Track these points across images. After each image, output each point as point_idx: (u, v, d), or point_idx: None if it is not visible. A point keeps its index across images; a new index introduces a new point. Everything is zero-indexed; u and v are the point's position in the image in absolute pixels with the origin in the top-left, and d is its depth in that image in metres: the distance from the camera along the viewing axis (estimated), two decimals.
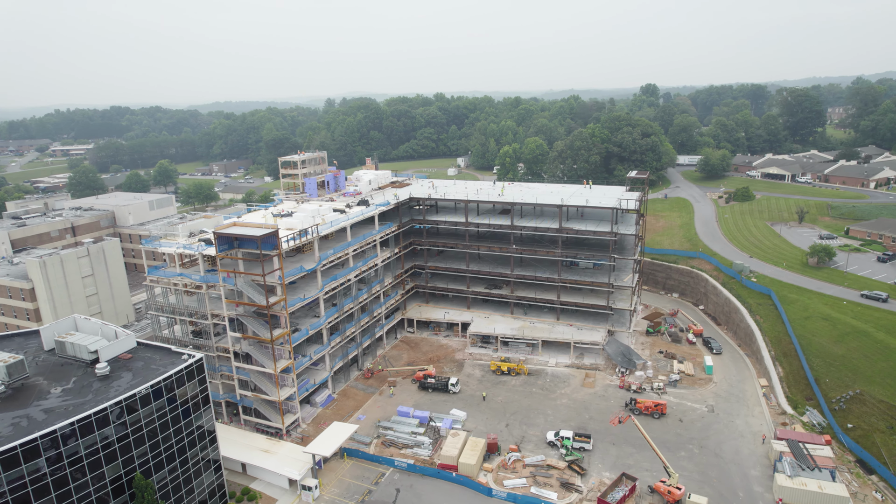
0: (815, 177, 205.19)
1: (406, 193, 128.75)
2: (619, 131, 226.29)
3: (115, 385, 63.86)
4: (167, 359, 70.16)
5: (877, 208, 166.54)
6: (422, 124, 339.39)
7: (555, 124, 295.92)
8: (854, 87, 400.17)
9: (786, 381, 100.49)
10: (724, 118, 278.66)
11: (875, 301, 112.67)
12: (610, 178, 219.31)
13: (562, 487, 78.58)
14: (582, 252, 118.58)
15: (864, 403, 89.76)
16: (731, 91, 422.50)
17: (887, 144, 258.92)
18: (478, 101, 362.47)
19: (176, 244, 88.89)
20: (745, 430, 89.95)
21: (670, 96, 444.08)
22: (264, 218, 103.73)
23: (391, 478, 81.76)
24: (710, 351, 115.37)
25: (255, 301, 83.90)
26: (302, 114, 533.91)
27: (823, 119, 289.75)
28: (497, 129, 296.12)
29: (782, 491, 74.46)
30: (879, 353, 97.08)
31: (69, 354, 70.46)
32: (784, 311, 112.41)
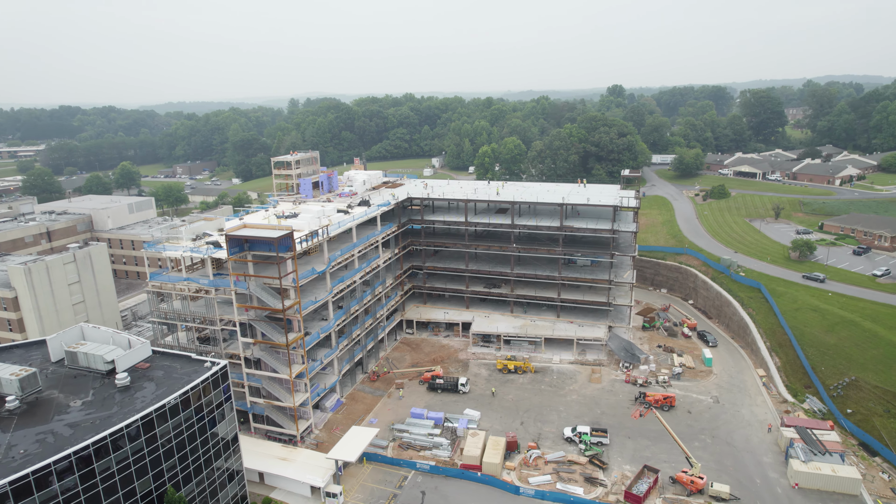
0: (783, 174, 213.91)
1: (403, 193, 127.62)
2: (596, 131, 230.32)
3: (140, 396, 60.97)
4: (188, 367, 67.46)
5: (844, 204, 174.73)
6: (394, 124, 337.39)
7: (528, 124, 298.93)
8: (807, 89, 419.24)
9: (783, 371, 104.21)
10: (692, 118, 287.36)
11: (814, 282, 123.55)
12: (588, 177, 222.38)
13: (586, 482, 79.30)
14: (581, 250, 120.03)
15: (861, 389, 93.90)
16: (693, 92, 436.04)
17: (843, 144, 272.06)
18: (449, 102, 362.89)
19: (182, 248, 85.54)
20: (751, 420, 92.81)
21: (634, 97, 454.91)
22: (266, 219, 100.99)
23: (414, 480, 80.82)
24: (706, 344, 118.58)
25: (269, 304, 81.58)
26: (266, 114, 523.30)
27: (784, 119, 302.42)
28: (471, 130, 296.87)
29: (798, 476, 77.13)
30: (869, 341, 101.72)
31: (82, 365, 66.92)
32: (775, 304, 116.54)
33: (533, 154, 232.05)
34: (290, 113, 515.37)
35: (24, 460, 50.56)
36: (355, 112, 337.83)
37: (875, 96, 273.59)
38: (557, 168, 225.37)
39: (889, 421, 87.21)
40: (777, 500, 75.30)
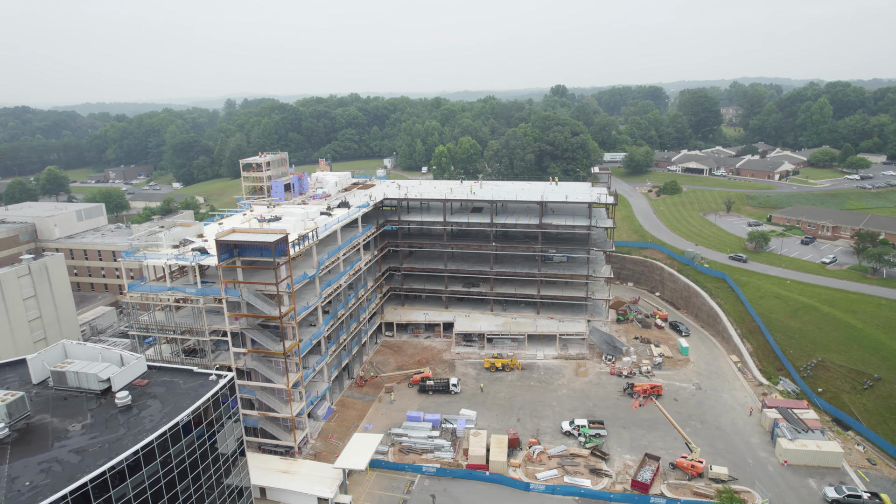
0: (727, 170, 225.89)
1: (378, 194, 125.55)
2: (550, 130, 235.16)
3: (147, 415, 56.85)
4: (191, 381, 63.55)
5: (786, 197, 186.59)
6: (342, 125, 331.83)
7: (479, 124, 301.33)
8: (734, 90, 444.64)
9: (756, 356, 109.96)
10: (637, 117, 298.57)
11: (738, 262, 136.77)
12: (544, 175, 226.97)
13: (592, 474, 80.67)
14: (558, 246, 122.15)
15: (828, 369, 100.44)
16: (630, 92, 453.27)
17: (773, 141, 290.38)
18: (397, 102, 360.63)
19: (166, 255, 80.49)
20: (734, 404, 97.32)
21: (574, 97, 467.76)
22: (247, 223, 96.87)
23: (421, 484, 79.68)
24: (679, 334, 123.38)
25: (264, 312, 78.24)
26: (202, 115, 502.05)
27: (720, 118, 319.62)
28: (423, 130, 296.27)
29: (786, 453, 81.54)
30: (829, 324, 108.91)
31: (72, 386, 61.66)
32: (742, 293, 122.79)
33: (490, 153, 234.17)
34: (228, 114, 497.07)
35: (32, 493, 46.07)
36: (302, 113, 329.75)
37: (798, 97, 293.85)
38: (515, 167, 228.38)
39: (856, 397, 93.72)
40: (770, 477, 79.28)
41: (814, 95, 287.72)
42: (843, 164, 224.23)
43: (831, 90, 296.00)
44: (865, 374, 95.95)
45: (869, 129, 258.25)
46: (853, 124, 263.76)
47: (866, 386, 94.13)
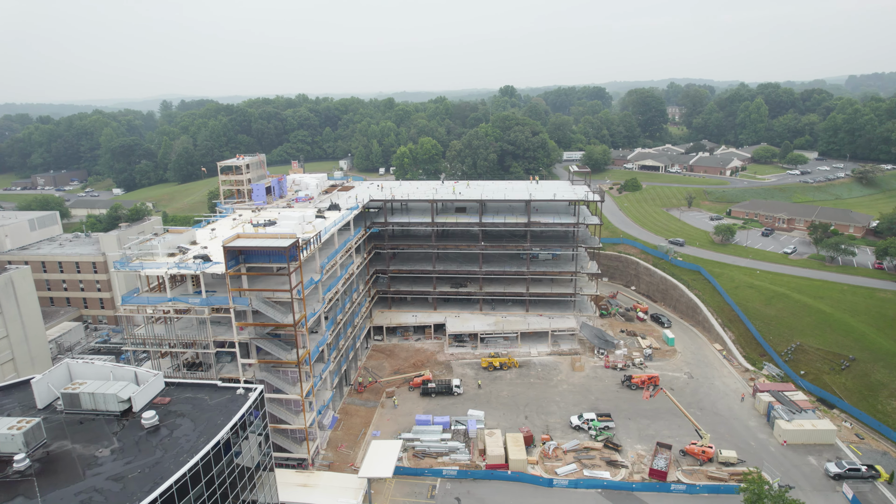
0: (681, 167, 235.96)
1: (362, 196, 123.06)
2: (510, 130, 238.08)
3: (181, 435, 53.28)
4: (217, 396, 60.12)
5: (740, 192, 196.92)
6: (294, 126, 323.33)
7: (434, 125, 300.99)
8: (671, 89, 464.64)
9: (738, 343, 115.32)
10: (589, 117, 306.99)
11: (676, 245, 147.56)
12: (506, 175, 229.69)
13: (609, 465, 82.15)
14: (546, 244, 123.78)
15: (807, 353, 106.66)
16: (575, 92, 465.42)
17: (715, 139, 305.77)
18: (348, 103, 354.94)
19: (166, 264, 75.56)
20: (726, 390, 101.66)
21: (521, 97, 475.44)
22: (240, 228, 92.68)
23: (443, 488, 78.68)
24: (661, 325, 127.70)
25: (275, 320, 75.03)
26: (137, 117, 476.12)
27: (666, 117, 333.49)
28: (378, 131, 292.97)
29: (785, 434, 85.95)
30: (802, 310, 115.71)
31: (87, 408, 56.94)
32: (718, 284, 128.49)
33: (453, 153, 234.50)
34: (166, 116, 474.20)
35: None
36: (251, 114, 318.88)
37: (737, 97, 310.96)
38: (478, 167, 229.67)
39: (836, 377, 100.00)
40: (774, 457, 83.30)
41: (750, 96, 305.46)
42: (783, 161, 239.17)
43: (764, 91, 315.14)
44: (841, 356, 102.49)
45: (801, 128, 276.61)
46: (787, 123, 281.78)
47: (843, 366, 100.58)
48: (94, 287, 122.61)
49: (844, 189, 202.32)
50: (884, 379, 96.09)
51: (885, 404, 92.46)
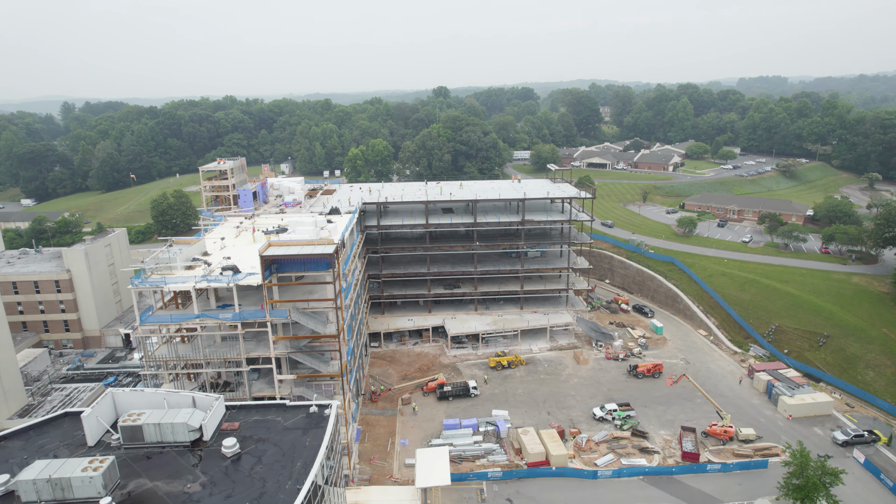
0: (626, 164, 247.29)
1: (349, 199, 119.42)
2: (462, 130, 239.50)
3: (273, 462, 49.49)
4: (288, 416, 56.37)
5: (686, 186, 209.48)
6: (228, 129, 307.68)
7: (377, 126, 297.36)
8: (593, 90, 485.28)
9: (722, 328, 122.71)
10: (530, 116, 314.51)
11: (607, 227, 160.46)
12: (460, 175, 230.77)
13: (642, 453, 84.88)
14: (540, 242, 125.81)
15: (786, 333, 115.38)
16: (504, 93, 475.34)
17: (646, 136, 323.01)
18: (282, 104, 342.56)
19: (193, 278, 69.53)
20: (723, 372, 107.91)
21: (454, 97, 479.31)
22: (252, 236, 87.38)
23: (491, 490, 78.11)
24: (645, 316, 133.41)
25: (316, 331, 71.42)
26: (37, 120, 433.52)
27: (600, 117, 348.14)
28: (320, 133, 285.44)
29: (790, 408, 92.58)
30: (773, 294, 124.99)
31: (151, 441, 51.53)
32: (694, 273, 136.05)
33: (407, 155, 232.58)
34: (71, 119, 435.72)
35: None
36: (180, 117, 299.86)
37: (664, 97, 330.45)
38: (433, 168, 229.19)
39: (817, 353, 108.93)
40: (784, 430, 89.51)
41: (676, 96, 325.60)
42: (714, 156, 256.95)
43: (687, 91, 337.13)
44: (817, 334, 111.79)
45: (723, 126, 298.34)
46: (710, 121, 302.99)
47: (821, 343, 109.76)
48: (56, 308, 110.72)
49: (773, 182, 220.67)
50: (857, 352, 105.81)
51: (863, 374, 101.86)
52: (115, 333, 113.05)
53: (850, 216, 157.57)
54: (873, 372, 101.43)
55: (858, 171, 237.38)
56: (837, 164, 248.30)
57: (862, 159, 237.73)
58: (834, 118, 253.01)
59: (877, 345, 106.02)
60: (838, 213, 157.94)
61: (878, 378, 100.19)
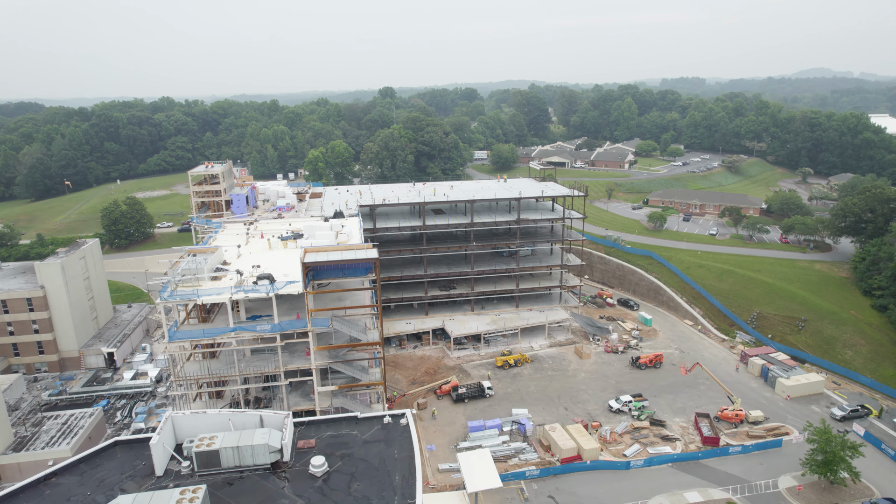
0: (584, 162, 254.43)
1: (348, 201, 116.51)
2: (423, 131, 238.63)
3: (367, 478, 47.59)
4: (363, 429, 54.38)
5: (645, 182, 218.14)
6: (170, 132, 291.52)
7: (329, 127, 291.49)
8: (532, 90, 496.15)
9: (707, 317, 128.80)
10: (484, 116, 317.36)
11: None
12: (424, 176, 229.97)
13: (664, 441, 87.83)
14: (533, 240, 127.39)
15: (767, 319, 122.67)
16: (448, 93, 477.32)
17: (593, 135, 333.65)
18: (226, 105, 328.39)
19: (228, 289, 65.42)
20: (717, 359, 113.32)
21: (400, 98, 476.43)
22: (269, 243, 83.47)
23: (530, 489, 78.46)
24: (630, 309, 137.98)
25: (358, 339, 69.28)
26: None
27: (549, 116, 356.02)
28: (272, 135, 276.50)
29: (788, 389, 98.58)
30: (749, 283, 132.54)
31: (230, 466, 48.24)
32: (675, 266, 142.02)
33: (370, 156, 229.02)
34: None
35: None
36: (118, 119, 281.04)
37: (609, 97, 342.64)
38: (397, 169, 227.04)
39: (797, 336, 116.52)
40: (784, 410, 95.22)
41: (620, 96, 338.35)
42: (664, 154, 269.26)
43: (629, 91, 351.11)
44: (795, 318, 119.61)
45: (665, 124, 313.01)
46: (654, 120, 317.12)
47: (800, 327, 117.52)
48: (28, 329, 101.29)
49: (722, 177, 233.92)
50: (833, 333, 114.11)
51: (842, 354, 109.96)
52: (96, 353, 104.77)
53: (802, 208, 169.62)
54: (851, 351, 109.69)
55: (791, 166, 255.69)
56: (772, 159, 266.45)
57: (794, 155, 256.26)
58: (767, 117, 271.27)
59: (849, 326, 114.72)
60: (791, 205, 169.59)
61: (855, 357, 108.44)
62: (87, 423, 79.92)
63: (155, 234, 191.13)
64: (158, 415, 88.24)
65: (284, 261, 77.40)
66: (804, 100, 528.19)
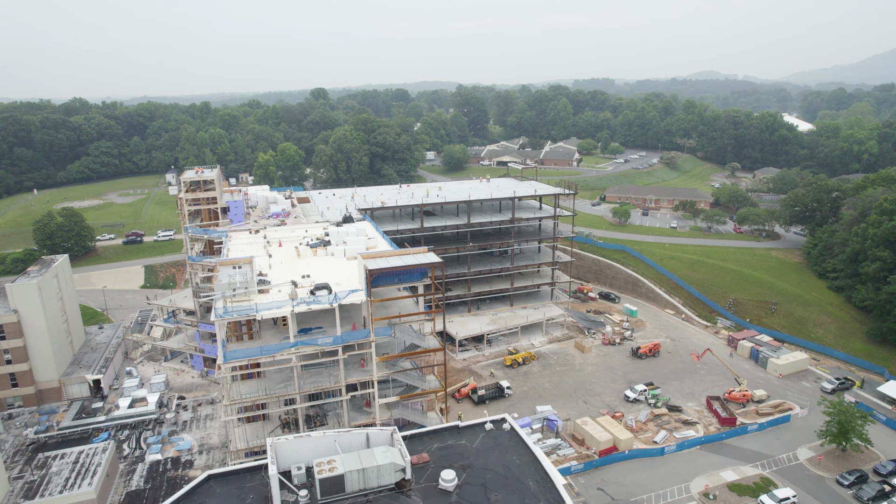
0: (533, 161, 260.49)
1: (329, 206, 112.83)
2: (376, 132, 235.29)
3: (498, 488, 46.69)
4: (470, 438, 53.18)
5: (596, 179, 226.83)
6: (92, 136, 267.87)
7: (269, 129, 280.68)
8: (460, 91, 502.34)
9: (688, 306, 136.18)
10: (426, 116, 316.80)
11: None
12: (380, 179, 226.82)
13: (684, 425, 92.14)
14: (526, 239, 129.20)
15: (742, 304, 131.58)
16: (378, 94, 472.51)
17: (530, 135, 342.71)
18: (152, 108, 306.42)
19: (288, 302, 61.30)
20: (706, 344, 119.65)
21: (332, 99, 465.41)
22: (297, 251, 79.26)
23: (578, 482, 79.75)
24: (613, 302, 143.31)
25: (419, 346, 67.56)
26: None
27: (488, 117, 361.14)
28: (209, 139, 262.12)
29: (779, 368, 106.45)
30: (720, 272, 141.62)
31: (354, 490, 45.56)
32: (649, 259, 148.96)
33: (324, 159, 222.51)
34: None
35: None
36: (29, 122, 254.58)
37: (542, 98, 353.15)
38: (352, 171, 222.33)
39: (772, 319, 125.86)
40: (779, 387, 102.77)
41: (555, 96, 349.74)
42: (605, 152, 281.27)
43: (562, 91, 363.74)
44: (767, 302, 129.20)
45: (600, 123, 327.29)
46: (588, 119, 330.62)
47: (773, 310, 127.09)
48: (0, 359, 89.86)
49: (663, 173, 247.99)
50: (803, 314, 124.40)
51: (814, 332, 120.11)
52: (79, 381, 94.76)
53: (748, 199, 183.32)
54: (822, 329, 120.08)
55: (719, 161, 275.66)
56: (702, 155, 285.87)
57: (720, 151, 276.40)
58: (695, 115, 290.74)
59: (815, 307, 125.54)
60: (739, 197, 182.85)
61: (827, 334, 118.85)
62: (104, 459, 72.17)
63: (97, 248, 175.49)
64: (175, 443, 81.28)
65: (322, 269, 73.91)
66: (708, 100, 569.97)
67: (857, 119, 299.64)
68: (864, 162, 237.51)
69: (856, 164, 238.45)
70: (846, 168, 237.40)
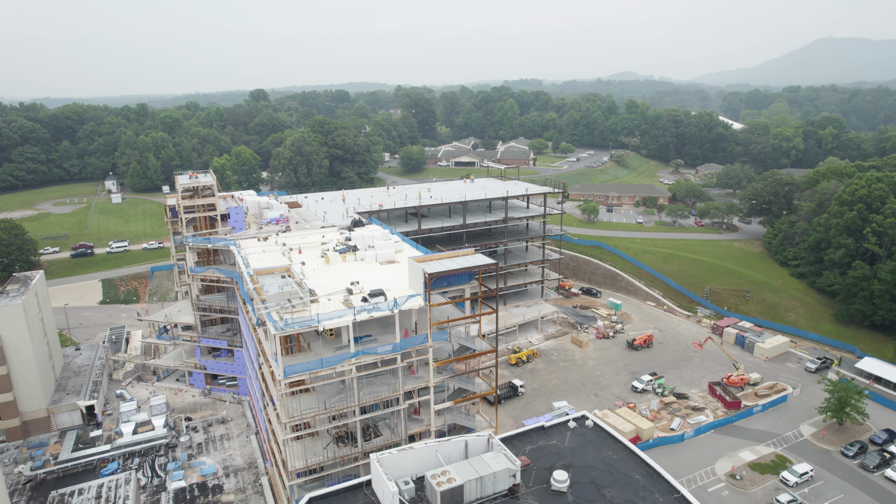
0: (490, 161, 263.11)
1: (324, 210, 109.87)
2: (333, 134, 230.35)
3: (608, 484, 47.16)
4: (556, 437, 53.31)
5: (556, 177, 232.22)
6: (15, 141, 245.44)
7: (215, 132, 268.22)
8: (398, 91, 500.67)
9: (667, 297, 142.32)
10: (376, 117, 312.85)
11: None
12: (340, 182, 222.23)
13: (695, 411, 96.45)
14: (518, 238, 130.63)
15: (718, 294, 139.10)
16: (318, 96, 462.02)
17: (479, 135, 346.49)
18: (82, 110, 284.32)
19: (349, 311, 58.77)
20: (692, 333, 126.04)
21: (273, 100, 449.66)
22: (325, 258, 76.41)
23: None
24: (595, 297, 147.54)
25: (474, 350, 66.98)
26: None
27: (436, 117, 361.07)
28: (151, 142, 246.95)
29: (766, 351, 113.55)
30: (692, 264, 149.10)
31: (472, 499, 44.69)
32: (625, 253, 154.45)
33: (283, 162, 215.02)
34: None
35: None
36: None
37: (488, 98, 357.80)
38: (313, 175, 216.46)
39: (747, 306, 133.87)
40: (768, 369, 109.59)
41: (501, 97, 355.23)
42: (557, 151, 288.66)
43: (507, 92, 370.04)
44: (741, 291, 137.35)
45: (546, 123, 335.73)
46: (534, 119, 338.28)
47: (746, 298, 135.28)
48: None
49: (615, 170, 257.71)
50: (774, 300, 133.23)
51: (786, 316, 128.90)
52: (70, 409, 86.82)
53: (703, 195, 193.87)
54: (793, 314, 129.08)
55: (663, 158, 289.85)
56: (646, 153, 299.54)
57: (663, 149, 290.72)
58: (637, 115, 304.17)
59: (784, 293, 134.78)
60: (695, 192, 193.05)
61: (798, 318, 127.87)
62: (130, 491, 66.53)
63: (42, 263, 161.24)
64: (196, 468, 76.22)
65: (358, 274, 71.62)
66: (636, 99, 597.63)
67: (783, 118, 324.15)
68: (792, 157, 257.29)
69: (785, 159, 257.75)
70: (777, 163, 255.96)
